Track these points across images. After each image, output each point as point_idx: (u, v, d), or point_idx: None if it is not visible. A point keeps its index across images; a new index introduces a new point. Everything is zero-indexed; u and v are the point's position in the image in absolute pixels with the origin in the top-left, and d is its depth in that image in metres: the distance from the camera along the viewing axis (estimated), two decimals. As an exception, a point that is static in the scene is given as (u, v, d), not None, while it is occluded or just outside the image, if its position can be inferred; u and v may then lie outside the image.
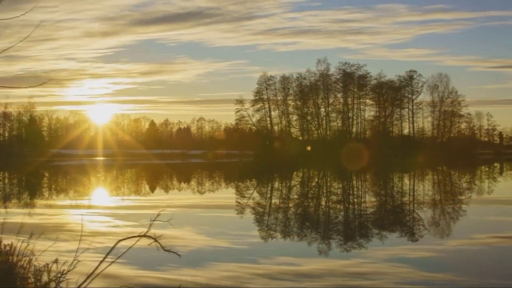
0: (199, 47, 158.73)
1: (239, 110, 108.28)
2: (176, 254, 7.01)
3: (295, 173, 50.75)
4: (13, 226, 8.56)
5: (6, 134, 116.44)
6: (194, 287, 8.29)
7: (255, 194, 26.45)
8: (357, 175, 46.19)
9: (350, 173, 49.93)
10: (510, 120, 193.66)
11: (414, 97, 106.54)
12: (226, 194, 27.07)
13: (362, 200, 23.61)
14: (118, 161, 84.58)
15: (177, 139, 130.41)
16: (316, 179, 41.09)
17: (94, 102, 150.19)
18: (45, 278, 5.90)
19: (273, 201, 23.22)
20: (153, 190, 30.29)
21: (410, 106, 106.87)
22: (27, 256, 6.15)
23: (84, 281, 6.27)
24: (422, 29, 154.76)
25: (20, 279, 5.72)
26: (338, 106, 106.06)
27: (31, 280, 5.84)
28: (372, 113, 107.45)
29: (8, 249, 6.48)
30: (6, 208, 19.54)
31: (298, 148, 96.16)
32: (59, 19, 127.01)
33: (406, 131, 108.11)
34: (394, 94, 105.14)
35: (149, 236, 6.67)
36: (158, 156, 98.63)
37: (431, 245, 12.01)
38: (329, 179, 41.41)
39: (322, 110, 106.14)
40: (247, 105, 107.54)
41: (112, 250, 6.50)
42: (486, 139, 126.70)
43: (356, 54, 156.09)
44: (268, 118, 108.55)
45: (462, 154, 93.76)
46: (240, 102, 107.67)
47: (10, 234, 7.81)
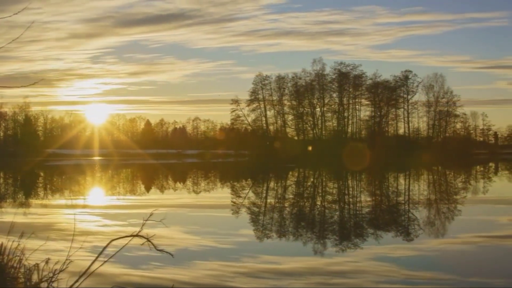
0: (183, 48, 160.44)
1: (235, 110, 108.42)
2: (169, 254, 6.96)
3: (291, 173, 50.74)
4: (4, 225, 8.50)
5: (1, 134, 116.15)
6: (189, 287, 8.25)
7: (249, 194, 26.41)
8: (355, 176, 46.20)
9: (347, 173, 49.95)
10: (500, 120, 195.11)
11: (409, 97, 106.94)
12: (220, 194, 27.03)
13: (352, 200, 23.60)
14: (113, 161, 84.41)
15: (172, 139, 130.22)
16: (313, 180, 41.08)
17: (85, 102, 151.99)
18: (35, 278, 5.85)
19: (265, 201, 23.18)
20: (147, 189, 30.22)
21: (406, 106, 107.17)
22: (18, 256, 6.09)
23: (76, 280, 6.22)
24: (403, 30, 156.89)
25: (10, 279, 5.66)
26: (333, 106, 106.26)
27: (22, 280, 5.79)
28: (367, 113, 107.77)
29: (-2, 249, 6.42)
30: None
31: (299, 148, 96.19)
32: (45, 21, 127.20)
33: (401, 131, 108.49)
34: (389, 94, 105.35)
35: (141, 236, 6.63)
36: (153, 156, 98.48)
37: (416, 244, 12.08)
38: (324, 179, 41.41)
39: (318, 110, 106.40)
40: (243, 105, 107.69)
41: (104, 249, 6.46)
42: (481, 139, 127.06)
43: (339, 55, 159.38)
44: (263, 118, 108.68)
45: (457, 154, 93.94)
46: (235, 102, 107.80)
47: (0, 234, 7.75)
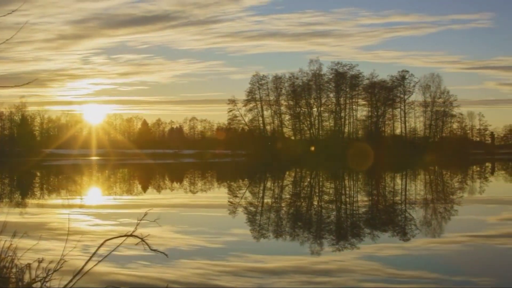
0: (171, 49, 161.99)
1: (232, 110, 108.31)
2: (163, 254, 6.93)
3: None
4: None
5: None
6: (183, 287, 8.24)
7: (244, 194, 26.39)
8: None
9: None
10: (492, 120, 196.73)
11: (406, 97, 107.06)
12: (215, 194, 27.01)
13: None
14: (110, 160, 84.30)
15: (169, 139, 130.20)
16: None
17: (79, 102, 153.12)
18: (27, 278, 5.82)
19: (259, 201, 23.18)
20: (143, 189, 30.17)
21: (402, 106, 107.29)
22: (10, 255, 6.06)
23: (70, 281, 6.19)
24: (388, 31, 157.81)
25: (2, 279, 5.64)
26: (330, 106, 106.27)
27: (14, 280, 5.76)
28: (364, 113, 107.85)
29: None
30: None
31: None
32: (32, 22, 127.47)
33: (398, 131, 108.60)
34: (386, 94, 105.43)
35: (135, 235, 6.60)
36: (150, 156, 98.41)
37: (404, 243, 12.15)
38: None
39: (315, 110, 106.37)
40: (240, 104, 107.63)
41: (98, 249, 6.43)
42: (478, 139, 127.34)
43: (325, 56, 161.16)
44: (260, 118, 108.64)
45: (455, 154, 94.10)
46: (232, 101, 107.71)
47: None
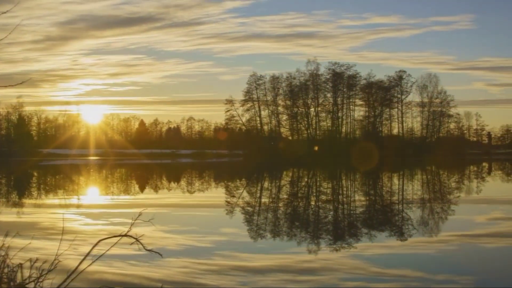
0: (158, 50, 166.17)
1: (229, 110, 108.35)
2: (158, 254, 6.91)
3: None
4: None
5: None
6: (178, 287, 8.24)
7: (240, 194, 26.39)
8: (350, 175, 46.27)
9: (343, 173, 50.03)
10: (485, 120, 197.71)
11: (403, 97, 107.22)
12: (211, 194, 27.00)
13: (347, 200, 23.63)
14: (107, 160, 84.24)
15: (167, 139, 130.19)
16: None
17: (71, 102, 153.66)
18: (20, 278, 5.79)
19: (254, 201, 23.17)
20: (140, 189, 30.15)
21: (400, 106, 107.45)
22: (2, 255, 6.03)
23: (64, 281, 6.16)
24: (372, 33, 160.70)
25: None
26: (327, 106, 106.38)
27: (6, 280, 5.73)
28: (361, 113, 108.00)
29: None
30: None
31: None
32: (19, 24, 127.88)
33: (395, 131, 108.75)
34: (383, 94, 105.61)
35: (130, 235, 6.58)
36: (148, 155, 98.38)
37: (389, 242, 12.22)
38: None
39: (312, 110, 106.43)
40: (237, 104, 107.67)
41: (92, 249, 6.40)
42: (475, 139, 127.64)
43: (311, 57, 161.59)
44: (258, 118, 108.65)
45: (451, 154, 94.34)
46: (229, 102, 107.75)
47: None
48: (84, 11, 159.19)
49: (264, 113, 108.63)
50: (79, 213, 17.89)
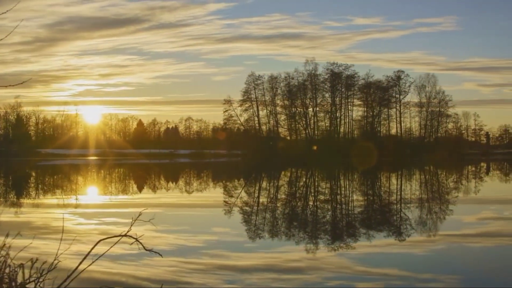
0: (147, 51, 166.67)
1: (227, 110, 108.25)
2: (158, 254, 6.97)
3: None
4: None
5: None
6: (174, 287, 8.30)
7: (237, 194, 26.44)
8: (347, 175, 46.29)
9: (340, 173, 50.05)
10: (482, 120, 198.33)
11: (401, 97, 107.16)
12: (208, 194, 27.05)
13: (345, 200, 23.69)
14: (106, 160, 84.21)
15: (165, 139, 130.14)
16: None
17: (66, 103, 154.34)
18: (21, 278, 5.84)
19: (251, 201, 23.22)
20: (139, 189, 30.21)
21: (398, 106, 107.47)
22: (3, 255, 6.08)
23: (63, 281, 6.21)
24: (359, 34, 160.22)
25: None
26: (326, 106, 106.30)
27: (7, 280, 5.78)
28: (359, 113, 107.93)
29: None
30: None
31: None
32: (8, 25, 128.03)
33: (393, 131, 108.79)
34: (381, 94, 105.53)
35: (130, 236, 6.63)
36: (146, 155, 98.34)
37: (377, 241, 12.31)
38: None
39: (310, 110, 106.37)
40: (235, 104, 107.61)
41: (92, 250, 6.46)
42: (473, 139, 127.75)
43: (300, 57, 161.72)
44: (256, 118, 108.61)
45: (450, 154, 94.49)
46: (228, 102, 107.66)
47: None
48: (71, 13, 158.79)
49: (262, 113, 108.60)
50: (79, 213, 17.96)
